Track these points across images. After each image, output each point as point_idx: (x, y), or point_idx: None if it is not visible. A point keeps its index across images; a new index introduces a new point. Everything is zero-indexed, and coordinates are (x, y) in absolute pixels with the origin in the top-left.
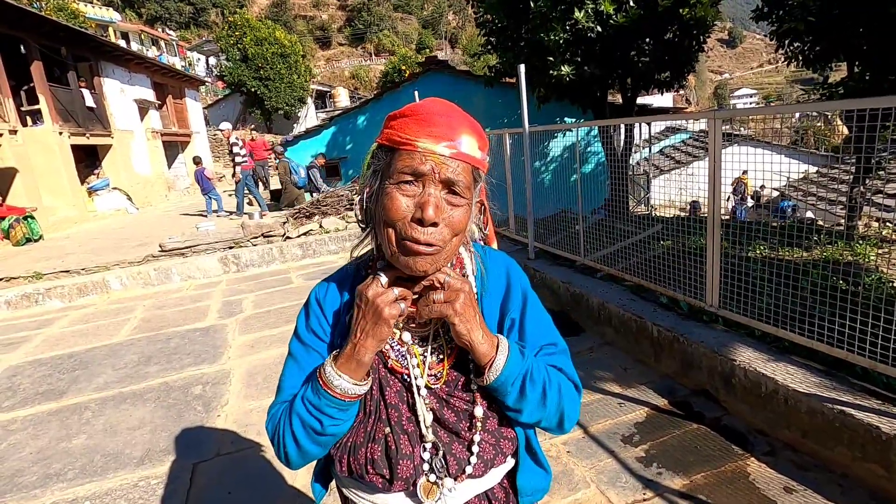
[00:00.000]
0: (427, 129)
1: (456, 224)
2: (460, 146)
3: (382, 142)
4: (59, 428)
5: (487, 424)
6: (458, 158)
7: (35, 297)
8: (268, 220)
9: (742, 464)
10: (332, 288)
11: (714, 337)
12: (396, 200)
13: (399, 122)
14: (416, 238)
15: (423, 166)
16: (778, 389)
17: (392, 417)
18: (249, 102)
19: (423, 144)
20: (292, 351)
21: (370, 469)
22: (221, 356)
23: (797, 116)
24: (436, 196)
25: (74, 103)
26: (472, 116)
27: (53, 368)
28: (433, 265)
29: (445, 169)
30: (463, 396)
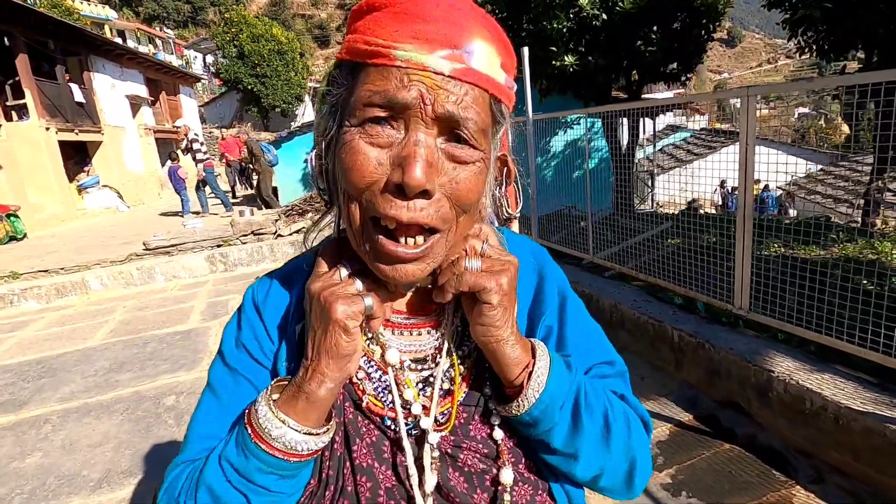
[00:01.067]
0: (413, 25)
1: (463, 193)
2: (470, 58)
3: (343, 56)
4: (13, 444)
5: (515, 496)
6: (465, 79)
7: (10, 298)
8: (259, 218)
9: (786, 493)
10: (275, 286)
11: (745, 343)
12: (360, 155)
13: (368, 19)
14: (396, 217)
15: (404, 92)
16: (826, 406)
17: (363, 489)
18: (246, 100)
19: (405, 53)
20: (211, 380)
21: None
22: (201, 362)
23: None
24: (427, 146)
25: (62, 98)
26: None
27: (18, 376)
28: (424, 270)
29: (444, 97)
30: (480, 449)
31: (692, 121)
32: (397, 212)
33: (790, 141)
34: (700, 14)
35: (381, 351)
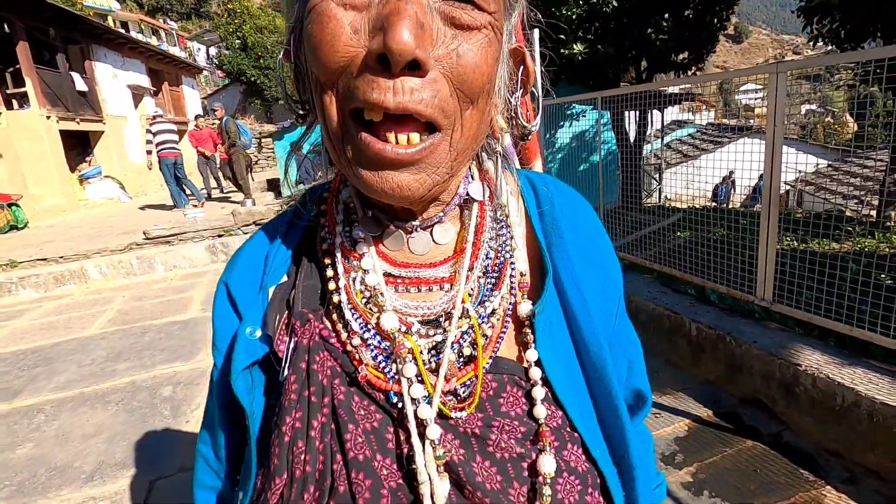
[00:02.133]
0: None
1: (469, 71)
2: None
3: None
4: (4, 434)
5: (559, 490)
6: None
7: (8, 286)
8: (261, 208)
9: (817, 494)
10: (245, 253)
11: (769, 336)
12: (331, 21)
13: None
14: (379, 102)
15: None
16: (859, 402)
17: (359, 489)
18: (249, 92)
19: None
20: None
21: None
22: (199, 352)
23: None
24: (417, 1)
25: (63, 87)
26: None
27: (13, 365)
28: (424, 181)
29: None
30: (516, 426)
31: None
32: (381, 95)
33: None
34: (712, 1)
35: (376, 313)
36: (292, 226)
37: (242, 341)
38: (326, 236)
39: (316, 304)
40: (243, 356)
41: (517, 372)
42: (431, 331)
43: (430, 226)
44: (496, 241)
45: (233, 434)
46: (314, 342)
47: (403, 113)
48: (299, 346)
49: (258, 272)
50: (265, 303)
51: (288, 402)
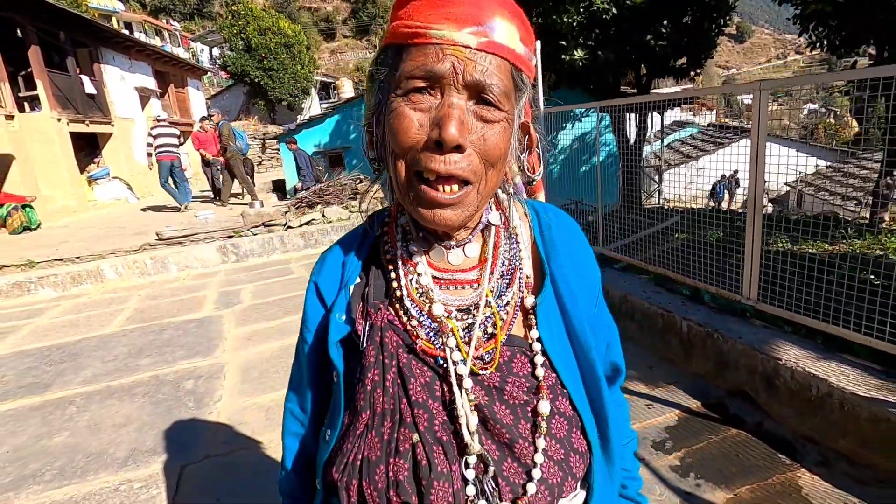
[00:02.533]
0: (444, 9)
1: (491, 148)
2: (492, 33)
3: (388, 40)
4: (40, 424)
5: (553, 427)
6: (489, 51)
7: (27, 285)
8: (269, 210)
9: (792, 476)
10: (330, 256)
11: (753, 333)
12: (405, 118)
13: (408, 7)
14: (435, 169)
15: (440, 64)
16: (832, 392)
17: (420, 421)
18: (253, 93)
19: (439, 32)
20: (297, 345)
21: (393, 495)
22: (216, 349)
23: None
24: (459, 108)
25: (73, 90)
26: None
27: (40, 360)
28: (459, 216)
29: (472, 67)
30: (522, 382)
31: (700, 115)
32: (436, 165)
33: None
34: (710, 8)
35: (428, 304)
36: (363, 240)
37: (334, 323)
38: (389, 249)
39: (382, 298)
40: (335, 333)
41: (524, 345)
42: (465, 316)
43: (462, 244)
44: (509, 252)
45: (316, 391)
46: (384, 323)
47: (449, 175)
48: (374, 326)
49: (338, 274)
50: (348, 297)
51: (368, 364)
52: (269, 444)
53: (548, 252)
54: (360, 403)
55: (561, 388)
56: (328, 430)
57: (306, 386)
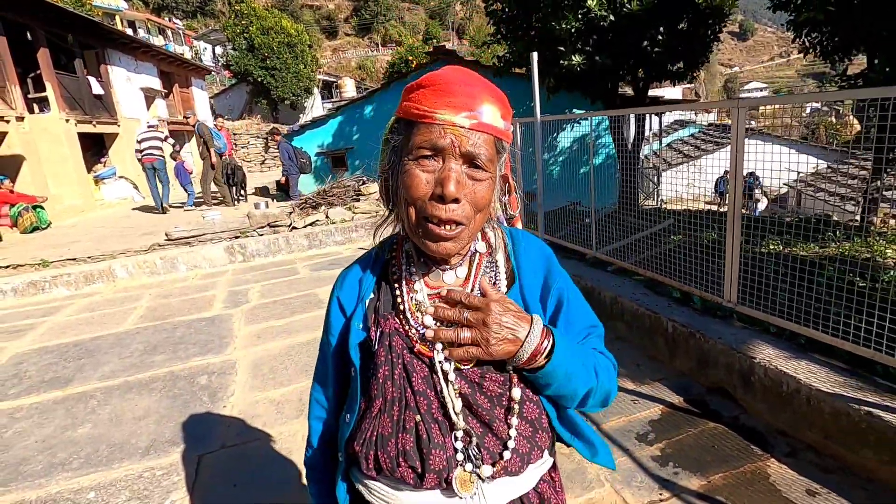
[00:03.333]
0: (446, 98)
1: (479, 200)
2: (481, 116)
3: (400, 115)
4: (64, 416)
5: (525, 411)
6: (479, 129)
7: (41, 284)
8: (274, 211)
9: (762, 465)
10: (349, 275)
11: (732, 333)
12: (416, 178)
13: (417, 93)
14: (438, 216)
15: (442, 140)
16: (800, 389)
17: (421, 405)
18: (256, 92)
19: (442, 116)
20: (321, 346)
21: (402, 461)
22: (227, 346)
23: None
24: (457, 171)
25: (81, 91)
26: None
27: (59, 356)
28: (456, 247)
29: (466, 141)
30: (497, 378)
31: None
32: (439, 212)
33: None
34: (705, 15)
35: (422, 316)
36: (375, 261)
37: (354, 330)
38: (395, 270)
39: (390, 310)
40: (354, 338)
41: None
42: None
43: (455, 268)
44: (488, 274)
45: (337, 383)
46: (391, 330)
47: (448, 220)
48: (383, 332)
49: (356, 290)
50: (364, 309)
51: (379, 362)
52: (280, 436)
53: (518, 264)
54: (374, 392)
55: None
56: (347, 414)
57: (330, 379)
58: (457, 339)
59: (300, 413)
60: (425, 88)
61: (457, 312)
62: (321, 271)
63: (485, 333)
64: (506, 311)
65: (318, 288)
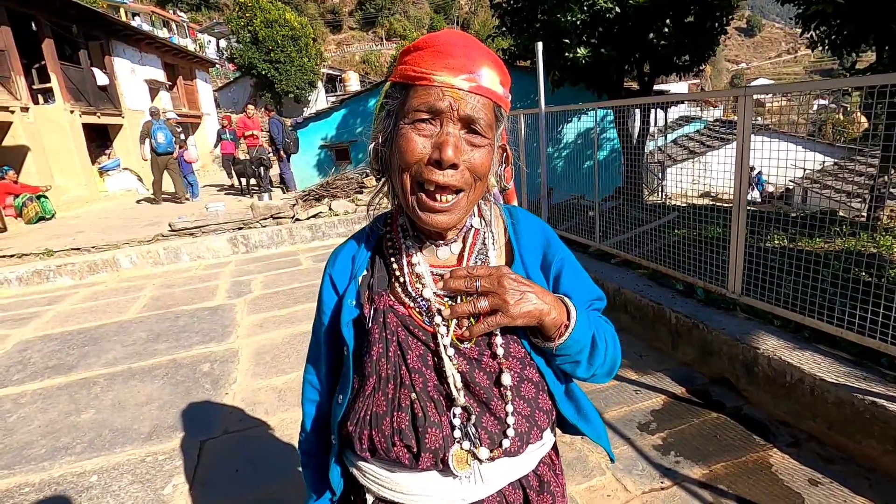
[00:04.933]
0: (444, 60)
1: (478, 166)
2: (480, 79)
3: (396, 79)
4: (67, 402)
5: (523, 390)
6: (477, 93)
7: (46, 273)
8: (277, 202)
9: (764, 454)
10: (342, 253)
11: (736, 324)
12: (412, 141)
13: (414, 55)
14: (435, 181)
15: (440, 102)
16: (804, 379)
17: (416, 383)
18: (260, 85)
19: (440, 77)
20: (314, 327)
21: (397, 440)
22: (230, 335)
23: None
24: (455, 135)
25: (86, 82)
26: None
27: (63, 344)
28: (451, 220)
29: (465, 105)
30: (491, 363)
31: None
32: (436, 177)
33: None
34: (713, 7)
35: (422, 289)
36: (369, 238)
37: (346, 307)
38: (390, 245)
39: (385, 286)
40: (347, 315)
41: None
42: (450, 301)
43: (449, 243)
44: (483, 252)
45: (330, 364)
46: (386, 307)
47: (446, 185)
48: (377, 309)
49: (348, 267)
50: (357, 286)
51: (373, 339)
52: (282, 423)
53: (518, 241)
54: (368, 370)
55: (529, 359)
56: (340, 395)
57: (322, 360)
58: (475, 309)
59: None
60: (423, 50)
61: (468, 281)
62: (324, 263)
63: (503, 295)
64: (517, 278)
65: (321, 279)
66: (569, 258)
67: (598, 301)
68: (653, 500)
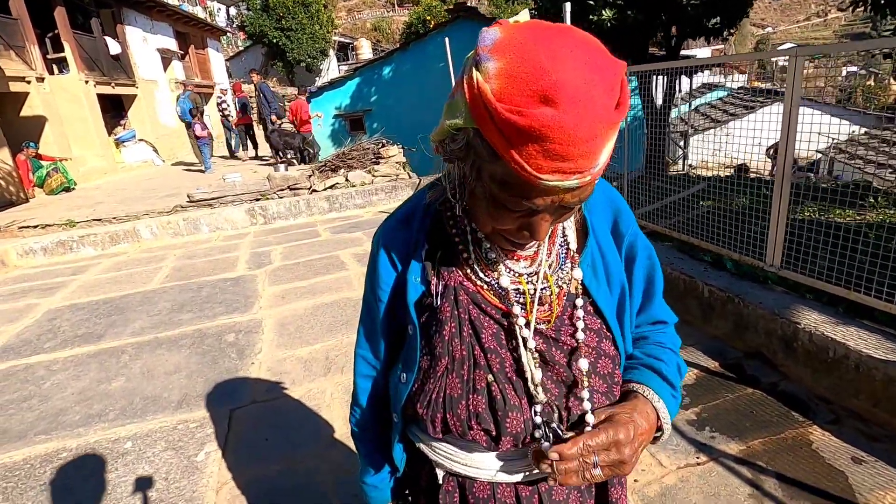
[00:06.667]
0: (556, 163)
1: (563, 221)
2: (595, 170)
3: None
4: (98, 370)
5: (599, 367)
6: (588, 185)
7: (69, 244)
8: (294, 173)
9: (803, 431)
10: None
11: (773, 298)
12: (498, 217)
13: (524, 148)
14: (522, 244)
15: (541, 201)
16: (849, 355)
17: (493, 364)
18: (271, 54)
19: (548, 182)
20: (365, 301)
21: (474, 424)
22: (253, 306)
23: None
24: (547, 221)
25: (99, 51)
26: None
27: (90, 313)
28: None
29: (569, 198)
30: (569, 341)
31: (731, 79)
32: (518, 248)
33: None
34: None
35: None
36: (426, 211)
37: (412, 285)
38: (455, 224)
39: (452, 263)
40: (413, 293)
41: (573, 299)
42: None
43: None
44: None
45: (388, 340)
46: (456, 284)
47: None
48: (447, 286)
49: (406, 241)
50: (421, 261)
51: (444, 318)
52: (309, 393)
53: (590, 214)
54: (439, 350)
55: (606, 330)
56: (404, 374)
57: (379, 336)
58: (587, 480)
59: (327, 371)
60: (537, 144)
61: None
62: (342, 234)
63: (625, 461)
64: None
65: (340, 250)
66: (641, 237)
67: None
68: (689, 475)
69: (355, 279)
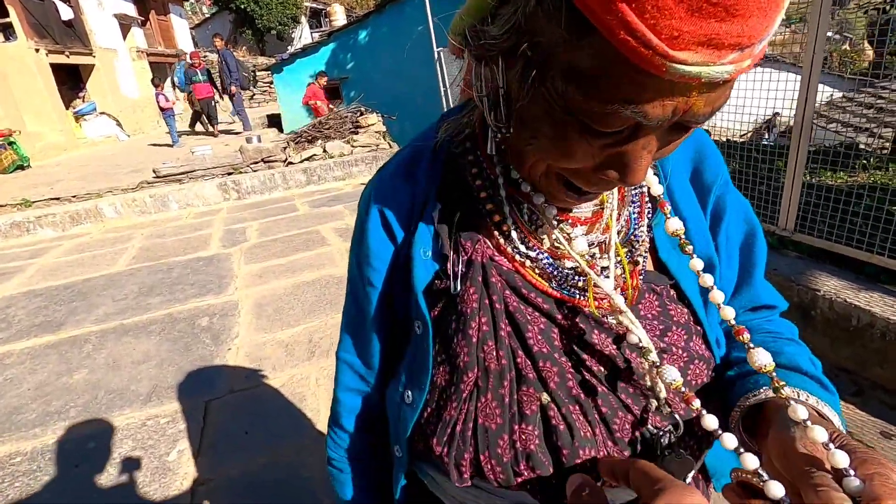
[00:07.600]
0: (713, 24)
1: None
2: (757, 47)
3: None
4: (57, 362)
5: (689, 374)
6: (744, 71)
7: (26, 225)
8: (268, 145)
9: None
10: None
11: (788, 263)
12: (572, 146)
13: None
14: (589, 190)
15: (657, 111)
16: (874, 323)
17: (549, 377)
18: (239, 22)
19: (683, 68)
20: (352, 286)
21: (523, 468)
22: (228, 286)
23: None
24: (651, 148)
25: (49, 16)
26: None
27: (49, 300)
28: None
29: (699, 105)
30: (656, 326)
31: None
32: (591, 190)
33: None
34: None
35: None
36: (434, 157)
37: (419, 262)
38: (477, 172)
39: (477, 228)
40: (423, 274)
41: (652, 280)
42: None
43: None
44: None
45: (383, 340)
46: (486, 259)
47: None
48: (473, 262)
49: (407, 200)
50: (431, 228)
51: (470, 310)
52: (291, 380)
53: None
54: (464, 360)
55: (694, 324)
56: (409, 392)
57: (370, 335)
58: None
59: (311, 355)
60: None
61: None
62: (322, 208)
63: None
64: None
65: (321, 225)
66: (733, 189)
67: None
68: None
69: (338, 255)
